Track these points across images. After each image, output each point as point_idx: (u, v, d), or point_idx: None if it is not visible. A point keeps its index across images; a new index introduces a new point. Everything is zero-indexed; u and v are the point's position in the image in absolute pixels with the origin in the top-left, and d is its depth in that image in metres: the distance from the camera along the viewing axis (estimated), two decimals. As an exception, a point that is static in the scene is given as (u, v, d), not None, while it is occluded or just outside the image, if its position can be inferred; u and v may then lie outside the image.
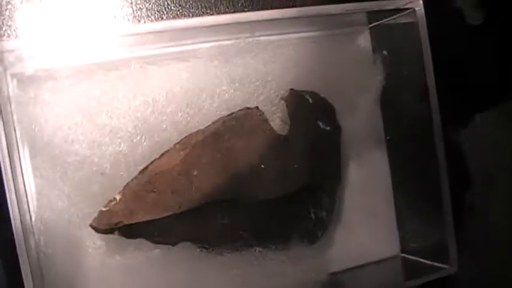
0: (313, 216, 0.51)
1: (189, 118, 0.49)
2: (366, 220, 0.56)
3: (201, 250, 0.50)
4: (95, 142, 0.46)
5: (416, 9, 0.50)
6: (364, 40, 0.56)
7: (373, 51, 0.56)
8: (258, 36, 0.51)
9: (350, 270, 0.55)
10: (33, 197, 0.46)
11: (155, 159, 0.48)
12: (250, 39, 0.51)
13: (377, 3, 0.51)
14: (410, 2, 0.50)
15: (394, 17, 0.52)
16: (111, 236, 0.48)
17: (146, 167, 0.48)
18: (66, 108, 0.46)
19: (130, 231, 0.48)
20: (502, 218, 0.55)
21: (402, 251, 0.57)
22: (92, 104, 0.46)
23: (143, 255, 0.49)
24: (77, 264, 0.48)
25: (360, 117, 0.55)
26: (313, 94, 0.53)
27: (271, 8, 0.47)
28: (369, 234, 0.56)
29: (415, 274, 0.52)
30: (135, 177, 0.48)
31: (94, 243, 0.48)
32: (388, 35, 0.54)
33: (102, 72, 0.47)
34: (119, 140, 0.47)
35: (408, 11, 0.51)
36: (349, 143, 0.55)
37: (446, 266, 0.51)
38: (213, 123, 0.49)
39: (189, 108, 0.49)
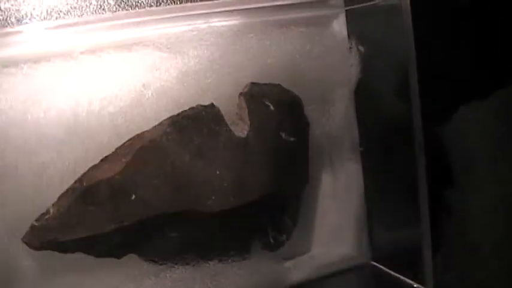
0: (272, 240, 0.46)
1: (132, 119, 0.43)
2: (334, 227, 0.52)
3: (149, 265, 0.46)
4: (20, 152, 0.40)
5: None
6: (339, 25, 0.49)
7: (349, 37, 0.49)
8: (214, 22, 0.44)
9: (315, 281, 0.50)
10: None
11: (93, 167, 0.42)
12: (205, 26, 0.44)
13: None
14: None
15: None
16: (47, 252, 0.43)
17: (83, 176, 0.42)
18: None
19: (67, 246, 0.43)
20: (481, 221, 0.51)
21: (374, 260, 0.53)
22: (15, 107, 0.40)
23: (84, 271, 0.45)
24: (7, 285, 0.43)
25: (332, 113, 0.49)
26: (277, 88, 0.46)
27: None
28: (337, 241, 0.52)
29: (385, 288, 0.47)
30: (70, 188, 0.42)
31: (26, 261, 0.43)
32: (366, 20, 0.47)
33: (27, 67, 0.41)
34: (48, 149, 0.41)
35: (389, -5, 0.44)
36: (319, 141, 0.49)
37: (421, 287, 0.46)
38: (160, 124, 0.43)
39: (132, 108, 0.43)
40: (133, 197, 0.42)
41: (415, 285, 0.46)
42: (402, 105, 0.46)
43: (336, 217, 0.52)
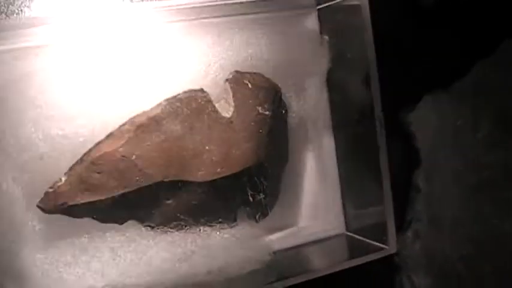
0: (251, 199, 0.55)
1: (132, 100, 0.52)
2: (312, 200, 0.61)
3: (147, 229, 0.54)
4: (39, 126, 0.50)
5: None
6: (311, 22, 0.59)
7: (321, 33, 0.59)
8: (203, 18, 0.54)
9: (295, 248, 0.59)
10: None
11: (100, 141, 0.52)
12: (196, 21, 0.54)
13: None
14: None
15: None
16: (57, 216, 0.52)
17: (91, 149, 0.52)
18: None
19: (76, 211, 0.53)
20: (443, 198, 0.60)
21: (347, 230, 0.62)
22: (33, 87, 0.50)
23: (90, 234, 0.53)
24: (22, 245, 0.51)
25: (307, 99, 0.59)
26: (258, 76, 0.56)
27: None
28: (315, 213, 0.61)
29: (357, 253, 0.56)
30: (80, 159, 0.52)
31: (39, 224, 0.52)
32: (335, 17, 0.58)
33: (36, 49, 0.50)
34: (62, 124, 0.50)
35: (352, -5, 0.54)
36: (296, 124, 0.59)
37: (386, 247, 0.55)
38: (157, 105, 0.53)
39: (133, 90, 0.52)
40: (134, 167, 0.52)
41: (381, 246, 0.55)
42: (365, 92, 0.55)
43: (314, 194, 0.61)
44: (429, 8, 0.64)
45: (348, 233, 0.61)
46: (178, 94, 0.54)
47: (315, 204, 0.61)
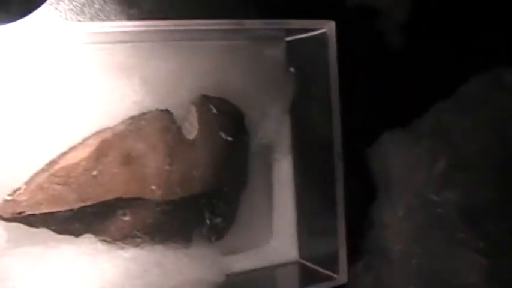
0: (208, 222, 0.57)
1: (98, 116, 0.53)
2: (268, 225, 0.63)
3: (103, 243, 0.55)
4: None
5: (328, 31, 0.56)
6: (279, 52, 0.62)
7: (287, 63, 0.61)
8: (172, 40, 0.56)
9: (248, 272, 0.61)
10: None
11: (62, 153, 0.53)
12: (165, 43, 0.56)
13: (294, 21, 0.56)
14: (324, 24, 0.56)
15: (309, 34, 0.58)
16: (14, 224, 0.53)
17: (53, 160, 0.53)
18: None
19: (33, 221, 0.53)
20: (396, 232, 0.63)
21: (301, 257, 0.63)
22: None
23: (46, 245, 0.54)
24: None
25: (269, 127, 0.61)
26: (222, 101, 0.58)
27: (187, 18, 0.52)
28: (269, 238, 0.63)
29: (309, 281, 0.58)
30: (41, 169, 0.53)
31: (-4, 231, 0.53)
32: (302, 50, 0.60)
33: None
34: (25, 133, 0.51)
35: (321, 30, 0.56)
36: (257, 151, 0.61)
37: (336, 276, 0.57)
38: (122, 122, 0.55)
39: (99, 106, 0.54)
40: (95, 181, 0.53)
41: (332, 275, 0.57)
42: (326, 124, 0.58)
43: (269, 219, 0.63)
44: (394, 47, 0.67)
45: (301, 260, 0.63)
46: (144, 113, 0.55)
47: (270, 229, 0.63)
